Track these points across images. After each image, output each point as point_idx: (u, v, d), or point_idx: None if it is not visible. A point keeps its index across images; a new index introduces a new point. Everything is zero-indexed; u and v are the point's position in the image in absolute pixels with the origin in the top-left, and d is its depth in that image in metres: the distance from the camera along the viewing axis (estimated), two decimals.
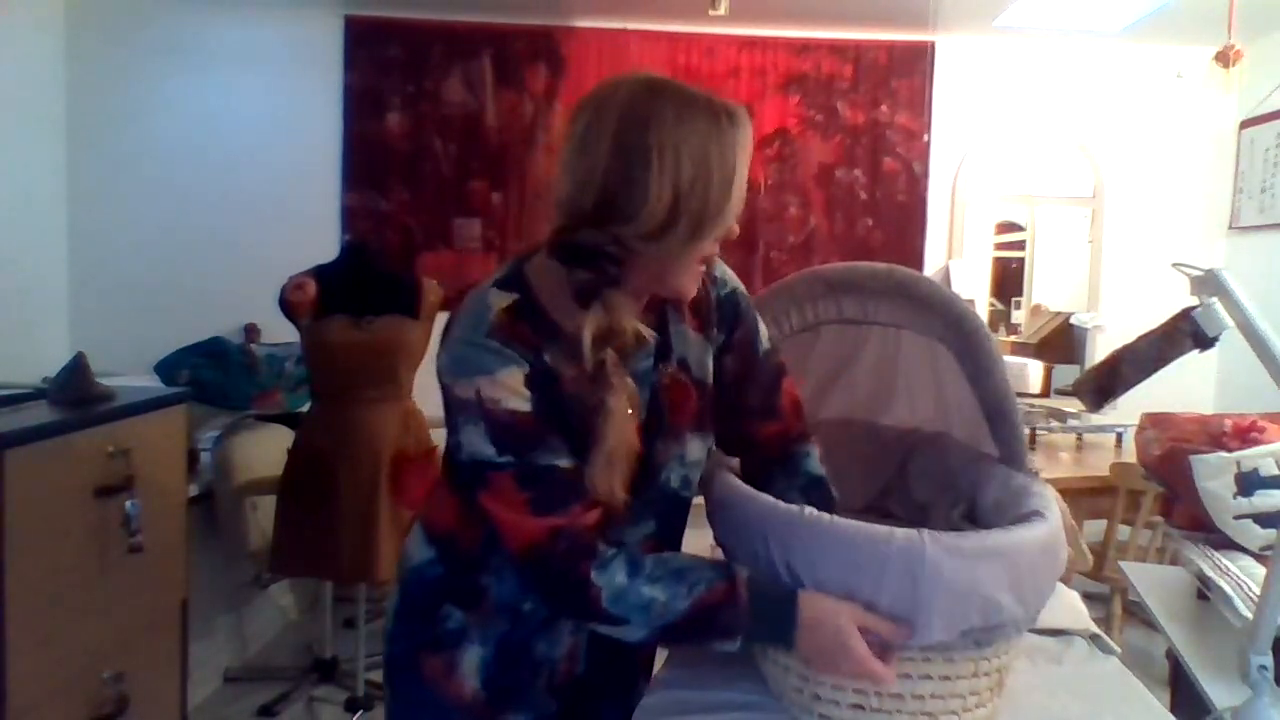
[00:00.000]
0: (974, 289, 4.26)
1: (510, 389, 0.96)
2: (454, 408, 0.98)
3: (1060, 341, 4.03)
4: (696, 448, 1.13)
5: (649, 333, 1.03)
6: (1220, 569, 1.53)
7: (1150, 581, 1.84)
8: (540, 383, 0.98)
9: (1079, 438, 3.69)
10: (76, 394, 1.97)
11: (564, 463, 0.97)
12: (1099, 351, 3.74)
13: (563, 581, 0.95)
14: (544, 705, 1.13)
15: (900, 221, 4.29)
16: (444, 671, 1.09)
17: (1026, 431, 1.41)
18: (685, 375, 1.11)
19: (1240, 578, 1.48)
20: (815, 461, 1.22)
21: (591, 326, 0.97)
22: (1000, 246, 4.59)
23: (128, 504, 1.94)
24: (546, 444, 0.97)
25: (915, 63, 4.23)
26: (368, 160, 4.12)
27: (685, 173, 0.92)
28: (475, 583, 1.08)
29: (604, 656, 1.15)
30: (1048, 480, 1.22)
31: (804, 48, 4.19)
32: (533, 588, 1.00)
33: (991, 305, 4.52)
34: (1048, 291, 4.52)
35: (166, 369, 3.20)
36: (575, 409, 0.99)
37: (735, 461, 1.26)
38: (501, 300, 1.00)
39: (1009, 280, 4.59)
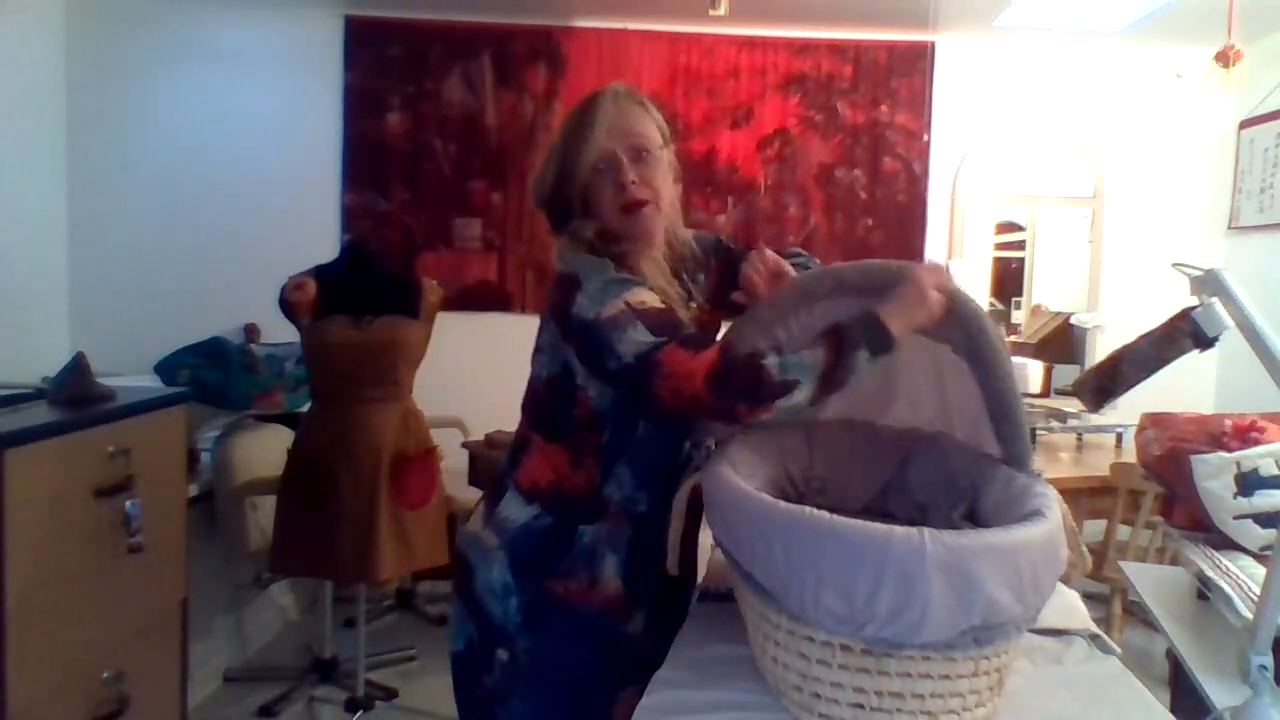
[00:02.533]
0: (974, 289, 4.26)
1: (647, 297, 1.27)
2: (604, 330, 1.22)
3: (1060, 341, 4.02)
4: None
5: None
6: (1220, 569, 1.53)
7: (1150, 581, 1.84)
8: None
9: (1079, 438, 3.69)
10: (76, 394, 1.97)
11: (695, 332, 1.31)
12: (1099, 351, 3.74)
13: (744, 375, 1.17)
14: (656, 591, 1.41)
15: (900, 221, 4.28)
16: (586, 585, 1.35)
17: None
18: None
19: (1240, 578, 1.48)
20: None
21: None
22: (1000, 246, 4.59)
23: (128, 504, 1.94)
24: (682, 323, 1.28)
25: (915, 63, 4.23)
26: (368, 160, 4.12)
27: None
28: (598, 498, 1.35)
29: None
30: (1048, 480, 1.22)
31: (804, 48, 4.19)
32: (715, 401, 1.18)
33: (991, 305, 4.51)
34: (1048, 291, 4.51)
35: (166, 369, 3.19)
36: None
37: (733, 454, 1.27)
38: (597, 258, 1.30)
39: (1009, 280, 4.59)
